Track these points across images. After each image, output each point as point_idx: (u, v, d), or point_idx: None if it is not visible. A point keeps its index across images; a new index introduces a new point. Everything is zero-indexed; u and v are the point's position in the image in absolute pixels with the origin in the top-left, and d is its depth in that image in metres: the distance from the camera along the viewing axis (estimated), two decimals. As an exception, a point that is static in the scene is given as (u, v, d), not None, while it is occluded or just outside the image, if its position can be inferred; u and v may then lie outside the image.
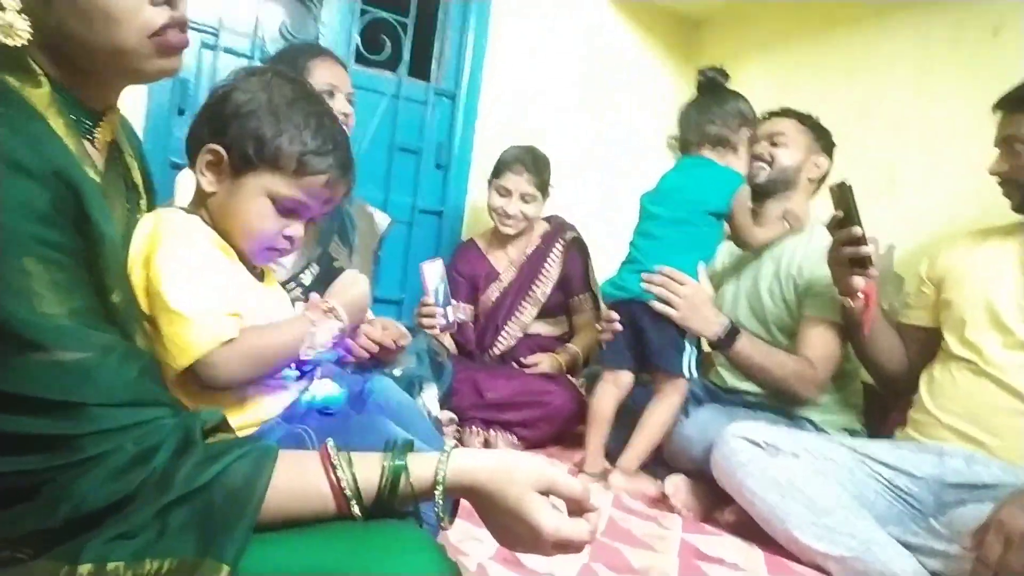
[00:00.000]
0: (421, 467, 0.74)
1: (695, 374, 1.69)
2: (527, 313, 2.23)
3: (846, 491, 1.37)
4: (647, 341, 1.68)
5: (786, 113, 1.92)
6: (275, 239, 0.96)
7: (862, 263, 1.46)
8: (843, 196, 1.46)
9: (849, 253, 1.46)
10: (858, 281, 1.48)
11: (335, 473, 0.72)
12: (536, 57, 2.63)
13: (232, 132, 0.91)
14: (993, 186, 1.79)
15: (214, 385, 0.89)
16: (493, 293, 2.25)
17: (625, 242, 1.82)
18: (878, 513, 1.37)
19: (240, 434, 0.93)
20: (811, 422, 1.74)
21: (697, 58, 2.90)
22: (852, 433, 1.75)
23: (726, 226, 1.75)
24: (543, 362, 2.12)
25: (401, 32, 2.40)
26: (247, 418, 0.96)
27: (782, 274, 1.79)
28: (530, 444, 1.94)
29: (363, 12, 2.35)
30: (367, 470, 0.73)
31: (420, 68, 2.51)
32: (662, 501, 1.59)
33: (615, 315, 1.72)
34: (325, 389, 1.11)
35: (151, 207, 0.93)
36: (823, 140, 1.90)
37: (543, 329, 2.28)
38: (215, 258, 0.94)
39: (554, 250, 2.26)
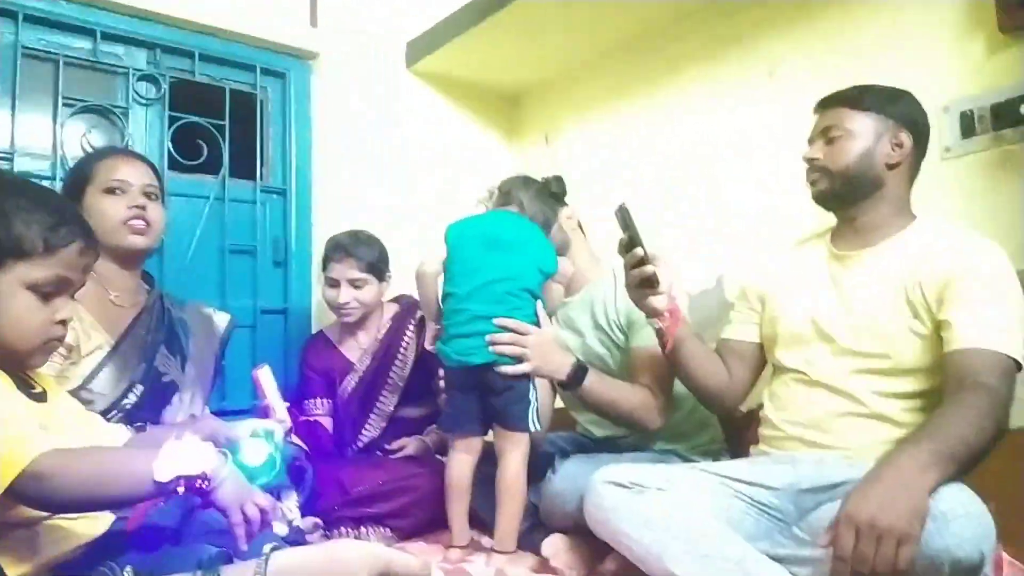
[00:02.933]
0: None
1: (539, 426, 1.68)
2: (388, 401, 2.16)
3: (714, 515, 1.39)
4: (496, 403, 1.65)
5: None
6: (48, 329, 0.92)
7: (650, 282, 1.49)
8: (624, 219, 1.47)
9: (635, 275, 1.49)
10: (657, 300, 1.50)
11: None
12: (365, 143, 2.65)
13: None
14: (797, 200, 1.93)
15: (48, 502, 0.81)
16: (350, 384, 2.16)
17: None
18: (746, 531, 1.38)
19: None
20: (676, 453, 1.77)
21: (518, 130, 3.04)
22: (716, 455, 1.80)
23: None
24: (408, 445, 2.05)
25: (218, 135, 2.35)
26: (44, 553, 0.85)
27: (603, 321, 1.84)
28: (406, 534, 1.85)
29: (172, 119, 2.28)
30: None
31: (244, 169, 2.45)
32: (545, 565, 1.54)
33: (451, 380, 1.69)
34: (254, 454, 1.01)
35: None
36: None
37: (409, 412, 2.21)
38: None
39: (407, 331, 2.21)
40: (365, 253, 2.11)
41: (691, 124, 2.36)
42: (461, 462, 1.68)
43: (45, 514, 0.89)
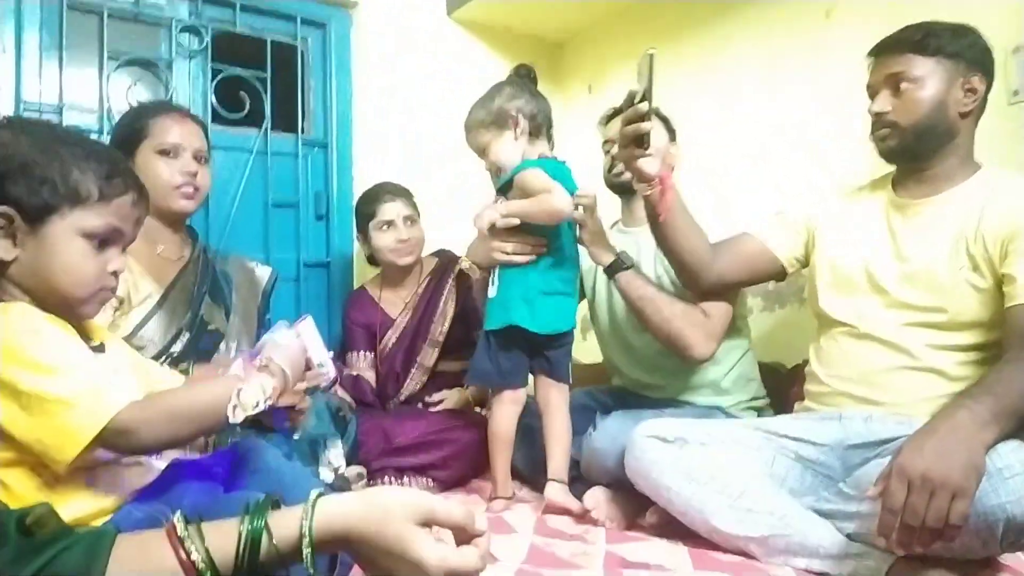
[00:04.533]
0: (284, 524, 0.68)
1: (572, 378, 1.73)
2: (428, 355, 2.16)
3: (758, 470, 1.37)
4: (551, 356, 1.69)
5: None
6: (102, 278, 0.93)
7: (641, 141, 1.38)
8: (647, 70, 1.34)
9: (631, 130, 1.39)
10: (647, 163, 1.41)
11: (183, 547, 0.65)
12: (406, 94, 2.62)
13: (12, 188, 0.87)
14: (850, 152, 1.85)
15: (136, 449, 0.89)
16: (391, 339, 2.17)
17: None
18: (791, 486, 1.37)
19: (95, 522, 0.86)
20: (720, 409, 1.75)
21: (562, 78, 2.96)
22: (760, 412, 1.77)
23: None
24: (449, 398, 2.06)
25: (260, 88, 2.34)
26: (98, 504, 0.89)
27: None
28: (447, 485, 1.87)
29: (215, 72, 2.28)
30: (221, 539, 0.67)
31: (285, 121, 2.45)
32: (585, 516, 1.55)
33: (502, 338, 1.68)
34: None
35: None
36: (670, 129, 1.91)
37: (448, 367, 2.21)
38: (59, 332, 0.89)
39: (446, 286, 2.20)
40: (408, 193, 2.19)
41: (743, 69, 2.27)
42: (509, 414, 1.69)
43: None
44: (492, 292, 1.70)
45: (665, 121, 1.90)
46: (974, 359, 1.36)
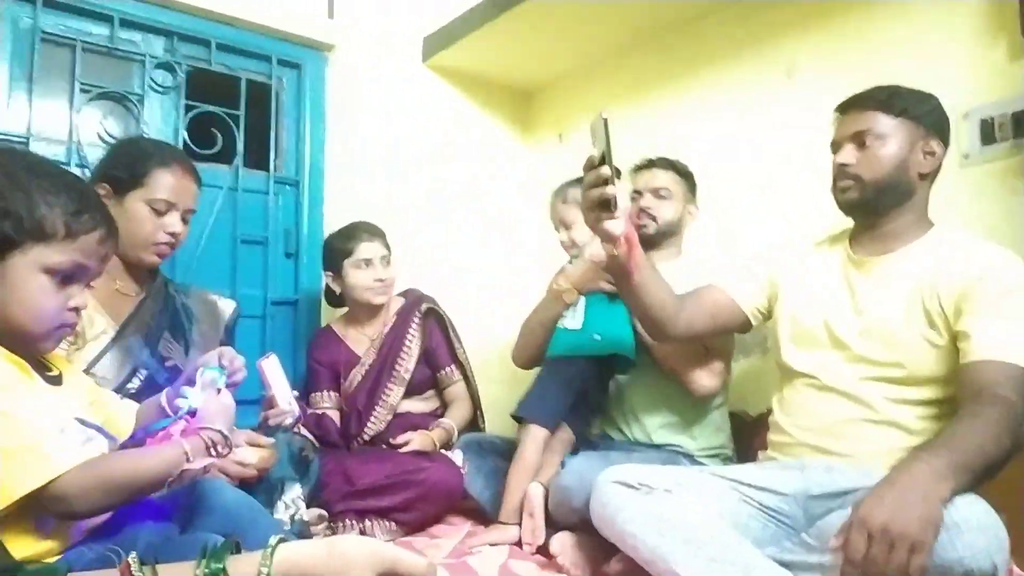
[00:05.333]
0: (242, 568, 0.67)
1: None
2: (393, 394, 2.14)
3: (722, 519, 1.37)
4: (598, 401, 1.85)
5: (662, 164, 1.96)
6: (61, 314, 0.91)
7: (607, 205, 1.36)
8: (602, 132, 1.32)
9: (595, 195, 1.35)
10: (613, 224, 1.38)
11: None
12: (378, 136, 2.65)
13: None
14: (814, 202, 1.90)
15: (69, 516, 0.85)
16: (356, 377, 2.16)
17: (481, 310, 1.91)
18: (754, 536, 1.37)
19: (45, 561, 0.83)
20: (685, 454, 1.76)
21: (532, 126, 3.02)
22: (725, 459, 1.79)
23: None
24: (414, 439, 2.04)
25: (233, 124, 2.35)
26: (48, 543, 0.86)
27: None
28: (411, 528, 1.84)
29: (188, 108, 2.28)
30: None
31: (257, 159, 2.45)
32: (551, 562, 1.53)
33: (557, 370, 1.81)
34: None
35: None
36: (693, 187, 1.97)
37: (414, 407, 2.20)
38: (15, 374, 0.87)
39: (412, 325, 2.21)
40: (384, 233, 2.22)
41: (707, 124, 2.34)
42: (538, 448, 1.77)
43: None
44: (574, 324, 1.83)
45: (688, 177, 1.96)
46: (933, 413, 1.39)
